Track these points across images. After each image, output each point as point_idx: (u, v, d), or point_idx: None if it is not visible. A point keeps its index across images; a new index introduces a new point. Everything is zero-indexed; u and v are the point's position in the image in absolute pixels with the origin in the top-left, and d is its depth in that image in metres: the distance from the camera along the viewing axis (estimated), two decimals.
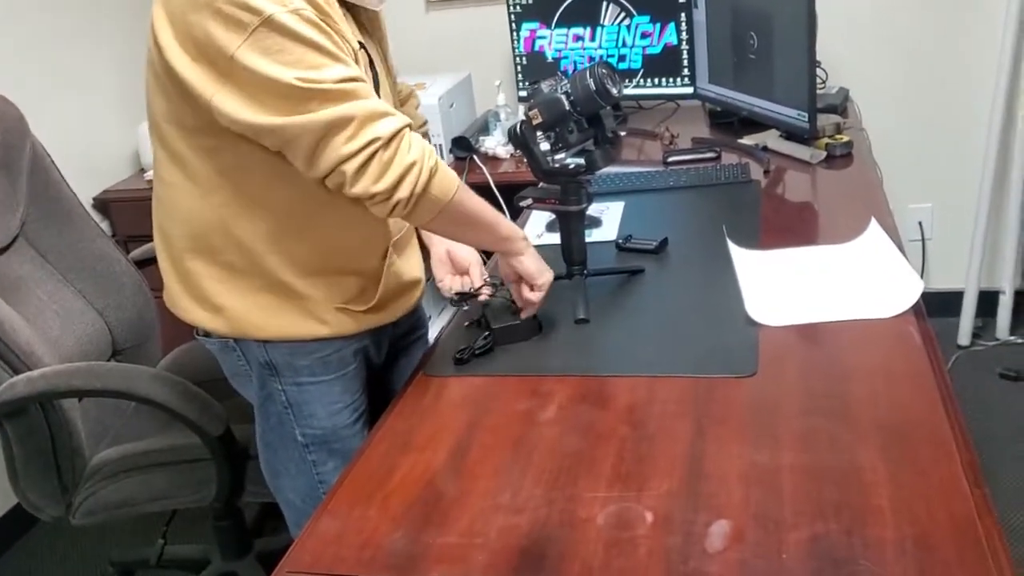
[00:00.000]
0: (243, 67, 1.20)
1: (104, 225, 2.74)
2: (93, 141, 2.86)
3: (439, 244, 1.66)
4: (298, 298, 1.41)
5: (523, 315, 1.49)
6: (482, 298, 1.59)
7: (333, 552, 1.05)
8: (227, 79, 1.22)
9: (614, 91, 1.46)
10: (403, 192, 1.27)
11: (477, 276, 1.63)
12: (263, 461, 1.57)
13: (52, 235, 1.97)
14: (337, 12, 1.31)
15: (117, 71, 2.94)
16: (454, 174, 1.35)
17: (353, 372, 1.51)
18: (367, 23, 1.47)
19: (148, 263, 2.14)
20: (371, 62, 1.43)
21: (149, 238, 2.24)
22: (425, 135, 1.73)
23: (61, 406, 1.70)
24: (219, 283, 1.41)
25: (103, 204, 2.85)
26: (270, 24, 1.18)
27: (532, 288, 1.48)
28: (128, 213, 2.83)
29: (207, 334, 1.48)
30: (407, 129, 1.28)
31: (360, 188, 1.26)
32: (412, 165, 1.27)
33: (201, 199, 1.36)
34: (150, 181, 2.80)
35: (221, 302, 1.42)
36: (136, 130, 2.90)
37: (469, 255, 1.65)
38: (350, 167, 1.24)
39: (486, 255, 1.65)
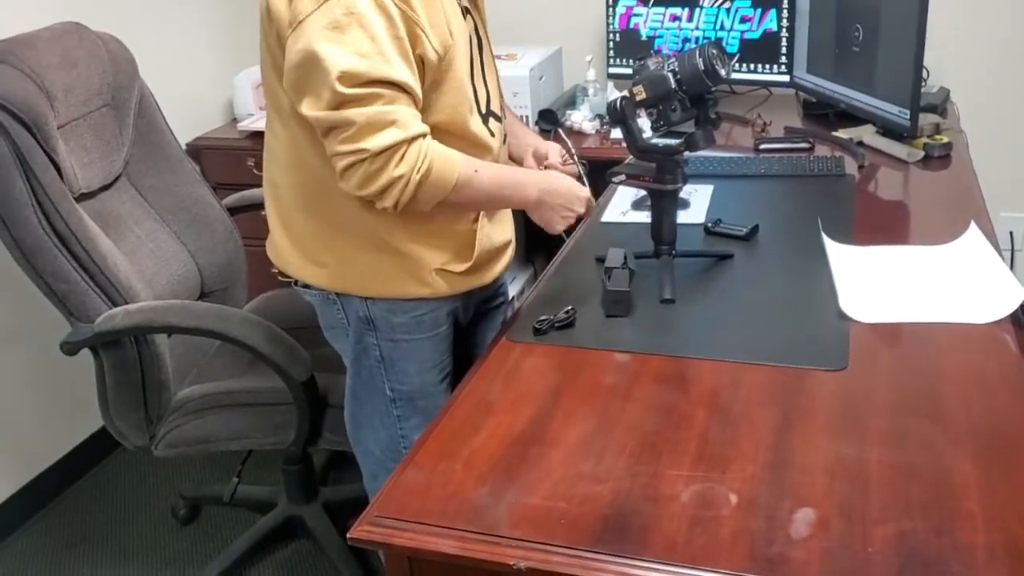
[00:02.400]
0: (303, 34, 1.25)
1: (196, 170, 2.81)
2: (190, 89, 2.93)
3: (528, 157, 1.66)
4: (400, 257, 1.45)
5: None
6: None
7: (419, 502, 1.08)
8: (289, 43, 1.28)
9: (723, 72, 1.45)
10: (387, 202, 1.33)
11: (555, 157, 1.64)
12: (348, 412, 1.61)
13: (152, 176, 2.03)
14: None
15: (216, 21, 2.99)
16: (452, 172, 1.35)
17: (444, 333, 1.55)
18: None
19: (240, 210, 2.20)
20: (476, 27, 1.45)
21: (238, 187, 2.32)
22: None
23: (153, 340, 1.77)
24: (322, 240, 1.45)
25: (195, 151, 2.91)
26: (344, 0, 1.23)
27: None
28: (219, 161, 2.89)
29: (307, 285, 1.52)
30: (406, 144, 1.30)
31: (345, 187, 1.33)
32: (398, 179, 1.30)
33: (304, 155, 1.40)
34: (242, 131, 2.88)
35: (325, 258, 1.46)
36: (232, 80, 2.95)
37: (547, 147, 1.66)
38: (338, 165, 1.31)
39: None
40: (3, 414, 2.39)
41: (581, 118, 2.73)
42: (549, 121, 2.72)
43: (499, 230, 1.56)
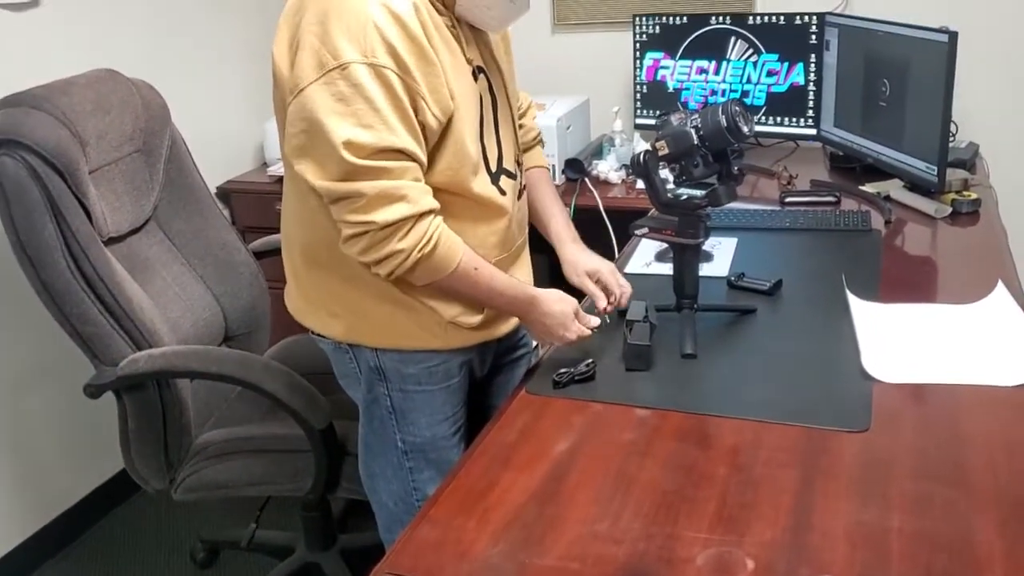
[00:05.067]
0: (306, 102, 1.26)
1: (224, 214, 2.85)
2: (222, 133, 2.98)
3: (571, 258, 1.63)
4: (411, 310, 1.45)
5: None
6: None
7: (432, 559, 1.07)
8: (291, 109, 1.29)
9: (745, 129, 1.45)
10: (383, 270, 1.35)
11: (615, 285, 1.59)
12: (362, 462, 1.61)
13: (181, 220, 2.06)
14: (445, 47, 1.33)
15: (249, 67, 3.05)
16: (452, 261, 1.37)
17: (456, 385, 1.54)
18: (492, 46, 1.49)
19: (266, 255, 2.23)
20: (490, 86, 1.45)
21: (267, 230, 2.35)
22: (537, 140, 1.78)
23: (175, 385, 1.78)
24: (334, 292, 1.47)
25: (225, 194, 2.96)
26: (344, 71, 1.24)
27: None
28: (248, 205, 2.94)
29: (321, 335, 1.53)
30: (414, 219, 1.31)
31: (347, 251, 1.35)
32: (399, 253, 1.32)
33: (312, 214, 1.41)
34: (272, 175, 2.92)
35: (337, 310, 1.47)
36: (263, 125, 3.01)
37: (600, 264, 1.61)
38: (344, 232, 1.33)
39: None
40: (27, 453, 2.41)
41: (607, 168, 2.75)
42: (575, 170, 2.73)
43: None
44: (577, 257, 1.62)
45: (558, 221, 1.67)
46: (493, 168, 1.45)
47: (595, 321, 1.52)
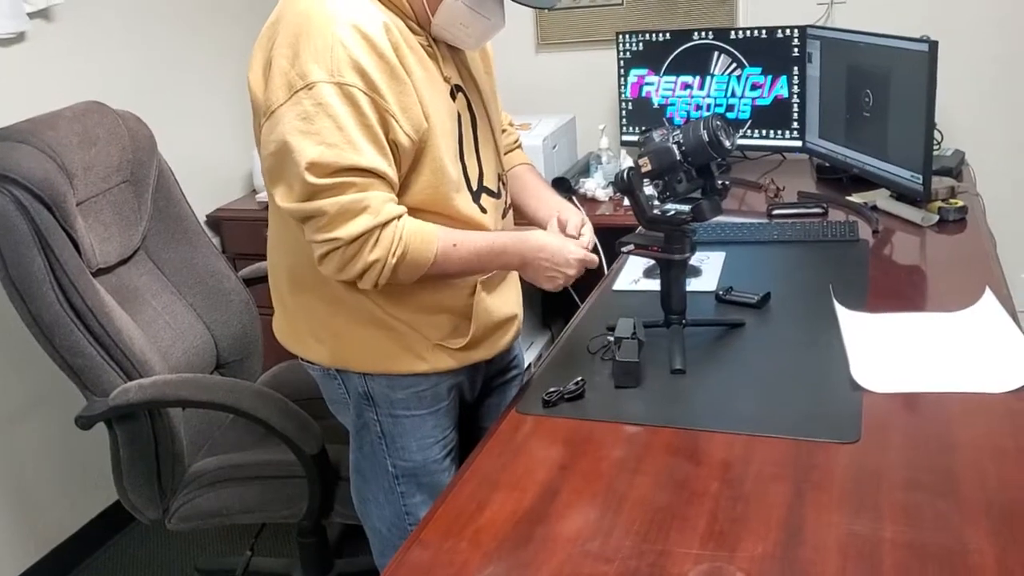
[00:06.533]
0: (276, 124, 1.27)
1: (215, 242, 2.85)
2: (210, 161, 2.99)
3: (547, 219, 1.61)
4: (396, 333, 1.45)
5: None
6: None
7: None
8: (263, 132, 1.31)
9: (727, 143, 1.46)
10: (366, 284, 1.35)
11: (588, 235, 1.58)
12: (353, 488, 1.60)
13: (170, 249, 2.06)
14: (420, 66, 1.34)
15: (235, 94, 3.06)
16: (429, 251, 1.35)
17: (446, 408, 1.54)
18: (471, 65, 1.50)
19: (256, 281, 2.22)
20: (469, 105, 1.46)
21: (257, 256, 2.34)
22: (517, 144, 1.79)
23: (167, 414, 1.77)
24: (319, 317, 1.46)
25: (215, 221, 2.96)
26: (311, 90, 1.25)
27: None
28: (238, 231, 2.94)
29: (309, 361, 1.53)
30: (379, 228, 1.31)
31: (324, 272, 1.36)
32: (373, 264, 1.32)
33: (295, 237, 1.41)
34: (261, 202, 2.93)
35: (323, 335, 1.47)
36: (252, 152, 3.01)
37: (568, 215, 1.60)
38: (316, 252, 1.34)
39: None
40: (21, 486, 2.40)
41: (595, 185, 2.76)
42: (563, 189, 2.74)
43: (501, 304, 1.55)
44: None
45: (549, 196, 1.67)
46: (474, 187, 1.45)
47: (588, 236, 1.52)
